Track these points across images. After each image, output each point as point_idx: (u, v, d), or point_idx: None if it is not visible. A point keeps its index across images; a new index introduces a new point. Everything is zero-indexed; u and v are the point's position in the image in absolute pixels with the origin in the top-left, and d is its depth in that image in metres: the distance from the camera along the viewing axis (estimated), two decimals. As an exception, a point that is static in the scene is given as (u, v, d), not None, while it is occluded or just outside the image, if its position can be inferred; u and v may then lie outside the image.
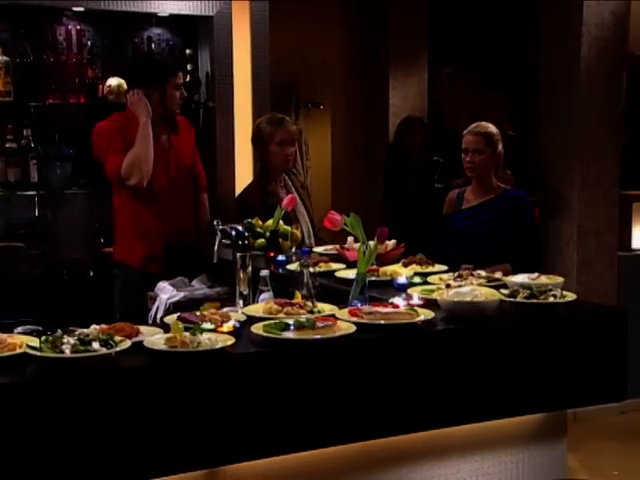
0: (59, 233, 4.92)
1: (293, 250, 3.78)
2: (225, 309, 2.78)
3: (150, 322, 3.43)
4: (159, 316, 3.63)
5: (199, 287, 3.84)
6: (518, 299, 2.72)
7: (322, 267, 3.41)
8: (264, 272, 2.95)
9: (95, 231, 4.90)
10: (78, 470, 2.13)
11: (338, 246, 3.71)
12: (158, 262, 4.10)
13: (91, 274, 4.84)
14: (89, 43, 4.89)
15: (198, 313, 2.61)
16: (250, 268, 2.96)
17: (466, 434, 2.70)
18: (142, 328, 2.49)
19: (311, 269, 3.01)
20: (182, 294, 3.73)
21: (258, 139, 4.31)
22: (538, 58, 5.91)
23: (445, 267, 3.36)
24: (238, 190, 4.99)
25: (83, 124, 4.88)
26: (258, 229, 3.85)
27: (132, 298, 4.03)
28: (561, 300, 2.72)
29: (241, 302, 2.92)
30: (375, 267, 3.24)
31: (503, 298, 2.73)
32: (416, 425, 2.56)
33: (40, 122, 4.79)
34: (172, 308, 3.62)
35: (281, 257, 3.64)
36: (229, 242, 3.61)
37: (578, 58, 5.44)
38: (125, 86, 4.79)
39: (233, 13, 5.00)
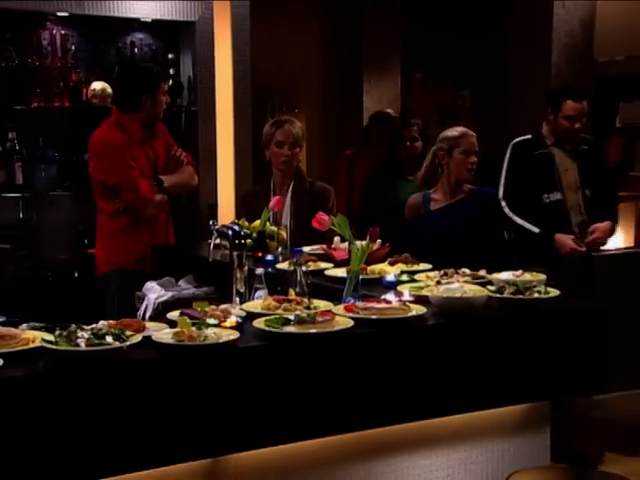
0: (44, 235, 5.00)
1: (279, 250, 3.88)
2: (223, 306, 2.87)
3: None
4: (147, 315, 3.70)
5: (186, 287, 3.93)
6: (505, 295, 2.85)
7: (311, 266, 3.50)
8: (259, 270, 3.05)
9: (80, 233, 4.97)
10: (93, 457, 2.22)
11: (325, 246, 3.80)
12: (150, 263, 4.19)
13: (76, 275, 4.90)
14: (73, 47, 4.97)
15: (199, 309, 2.70)
16: (247, 267, 3.05)
17: (456, 424, 2.82)
18: (147, 324, 2.58)
19: (303, 268, 3.12)
20: (170, 294, 3.81)
21: (263, 141, 4.37)
22: (509, 63, 6.08)
23: (430, 266, 3.47)
24: (220, 191, 5.10)
25: (67, 127, 4.98)
26: (245, 230, 3.94)
27: (122, 299, 4.12)
28: (545, 296, 2.86)
29: (238, 299, 3.01)
30: (363, 266, 3.35)
31: (490, 294, 2.86)
32: (409, 415, 2.67)
33: (25, 125, 4.87)
34: (161, 307, 3.69)
35: (269, 257, 3.73)
36: (219, 242, 3.73)
37: (549, 64, 5.61)
38: (109, 90, 4.88)
39: (215, 18, 5.11)
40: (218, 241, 3.78)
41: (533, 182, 4.39)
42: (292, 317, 2.58)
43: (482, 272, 3.24)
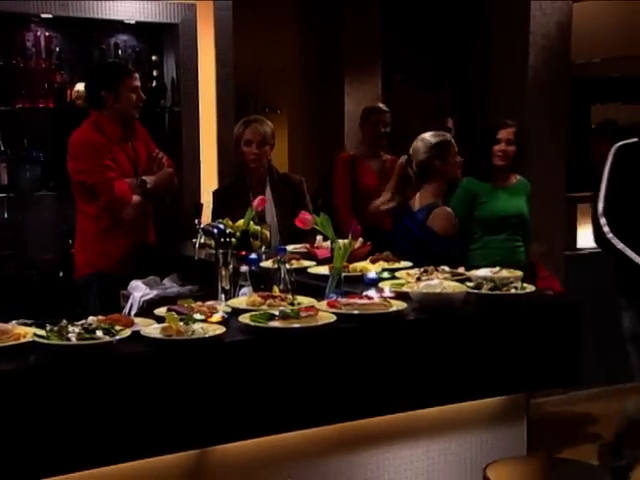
0: (29, 235, 5.02)
1: (263, 249, 3.95)
2: (209, 302, 2.94)
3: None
4: (133, 313, 3.76)
5: (170, 285, 3.99)
6: (483, 291, 2.95)
7: (294, 264, 3.58)
8: (244, 268, 3.13)
9: (64, 233, 5.00)
10: (84, 446, 2.29)
11: (308, 245, 3.89)
12: (130, 265, 4.24)
13: (60, 274, 4.94)
14: (57, 49, 4.99)
15: (186, 305, 2.77)
16: (232, 265, 3.12)
17: (435, 416, 2.90)
18: (136, 320, 2.65)
19: (287, 265, 3.19)
20: (155, 292, 3.87)
21: (234, 142, 4.47)
22: (487, 65, 6.18)
23: (410, 264, 3.56)
24: (203, 191, 5.15)
25: (52, 128, 5.02)
26: (229, 229, 4.00)
27: (103, 301, 4.17)
28: (522, 291, 2.95)
29: (223, 296, 3.08)
30: (345, 264, 3.43)
31: (469, 290, 2.95)
32: (390, 407, 2.76)
33: (10, 126, 4.88)
34: (146, 306, 3.75)
35: (253, 255, 3.79)
36: (203, 241, 3.80)
37: (526, 66, 5.71)
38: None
39: (198, 21, 5.16)
40: (203, 240, 3.85)
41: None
42: (276, 312, 2.66)
43: (461, 269, 3.32)
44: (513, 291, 2.94)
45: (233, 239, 3.88)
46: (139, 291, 3.89)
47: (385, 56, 7.02)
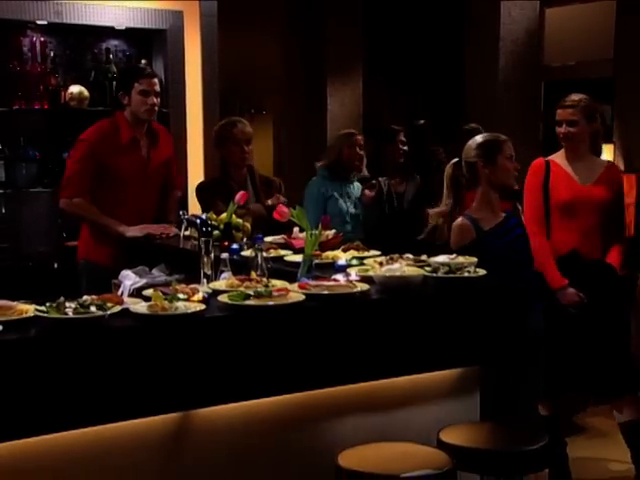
0: (25, 229, 5.30)
1: (244, 240, 4.25)
2: (192, 285, 3.23)
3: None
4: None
5: (158, 275, 4.28)
6: (439, 274, 3.26)
7: (272, 253, 3.88)
8: (224, 255, 3.43)
9: (58, 226, 5.29)
10: (79, 407, 2.60)
11: (285, 236, 4.19)
12: (124, 258, 4.51)
13: (55, 266, 5.23)
14: (52, 53, 5.29)
15: (171, 287, 3.07)
16: (213, 253, 3.41)
17: (395, 387, 3.20)
18: (126, 299, 2.95)
19: (264, 253, 3.50)
20: (144, 280, 4.13)
21: (218, 141, 4.75)
22: (462, 68, 6.50)
23: (379, 252, 3.86)
24: (190, 188, 5.44)
25: (47, 128, 5.31)
26: (213, 222, 4.30)
27: (98, 288, 4.44)
28: (474, 275, 3.27)
29: (205, 281, 3.38)
30: (318, 252, 3.73)
31: (426, 273, 3.26)
32: (354, 377, 3.07)
33: (7, 126, 5.19)
34: (135, 293, 4.04)
35: (235, 246, 4.09)
36: (189, 233, 4.10)
37: (497, 69, 6.03)
38: (86, 93, 5.23)
39: (185, 26, 5.47)
40: (188, 232, 4.15)
41: None
42: (252, 292, 2.96)
43: (424, 257, 3.62)
44: (466, 274, 3.25)
45: (216, 231, 4.21)
46: (129, 279, 4.15)
47: (366, 58, 7.31)
